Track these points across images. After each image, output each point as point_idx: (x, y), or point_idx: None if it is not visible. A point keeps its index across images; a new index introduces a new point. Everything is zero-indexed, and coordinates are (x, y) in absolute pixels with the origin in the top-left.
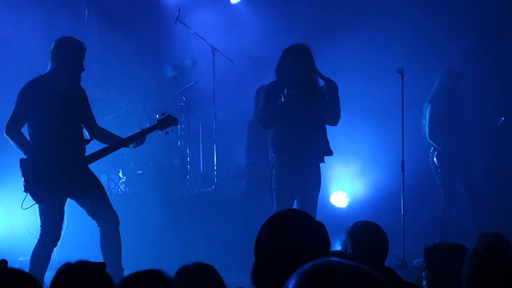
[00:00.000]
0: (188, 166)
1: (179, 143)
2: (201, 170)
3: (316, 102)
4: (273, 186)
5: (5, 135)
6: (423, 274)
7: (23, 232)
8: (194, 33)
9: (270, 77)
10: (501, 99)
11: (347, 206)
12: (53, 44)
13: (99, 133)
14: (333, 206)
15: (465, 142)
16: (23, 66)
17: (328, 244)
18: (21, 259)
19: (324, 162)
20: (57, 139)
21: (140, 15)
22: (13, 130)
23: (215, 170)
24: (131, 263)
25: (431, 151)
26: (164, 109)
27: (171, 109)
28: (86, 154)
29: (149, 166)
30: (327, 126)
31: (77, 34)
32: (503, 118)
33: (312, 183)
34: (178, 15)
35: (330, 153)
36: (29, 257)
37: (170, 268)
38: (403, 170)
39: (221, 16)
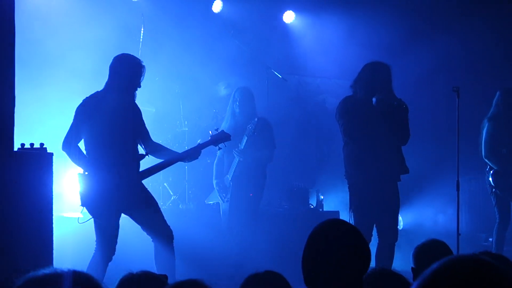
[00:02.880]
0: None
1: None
2: None
3: (392, 121)
4: (353, 205)
5: (62, 150)
6: None
7: (75, 244)
8: (247, 50)
9: (323, 95)
10: None
11: (402, 228)
12: (112, 60)
13: (154, 148)
14: None
15: None
16: (76, 83)
17: (366, 258)
18: None
19: (400, 180)
20: (113, 154)
21: (193, 33)
22: (70, 145)
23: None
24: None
25: (487, 169)
26: (217, 127)
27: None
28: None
29: (197, 183)
30: None
31: (131, 51)
32: None
33: (392, 202)
34: (232, 32)
35: (406, 171)
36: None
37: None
38: (458, 189)
39: (275, 35)
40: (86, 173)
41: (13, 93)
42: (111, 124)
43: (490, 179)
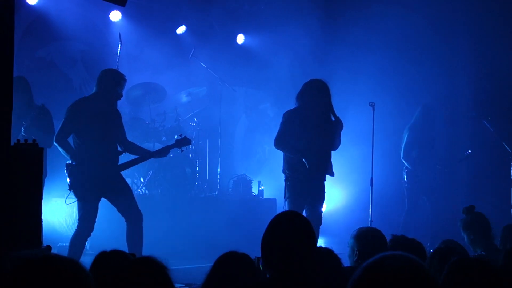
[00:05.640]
0: (197, 175)
1: (190, 155)
2: (207, 178)
3: (327, 132)
4: (287, 195)
5: (54, 143)
6: None
7: (61, 222)
8: (205, 67)
9: (265, 104)
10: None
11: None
12: (100, 73)
13: (130, 146)
14: None
15: (434, 164)
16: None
17: (313, 239)
18: (59, 245)
19: (325, 180)
20: (97, 149)
21: (160, 50)
22: (61, 139)
23: (219, 178)
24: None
25: (403, 168)
26: (179, 128)
27: (185, 127)
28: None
29: (165, 173)
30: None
31: (110, 64)
32: (469, 151)
33: (318, 196)
34: (192, 52)
35: (332, 174)
36: (67, 243)
37: (181, 256)
38: (371, 185)
39: (228, 53)
40: (74, 163)
41: (11, 91)
42: (97, 125)
43: (404, 176)
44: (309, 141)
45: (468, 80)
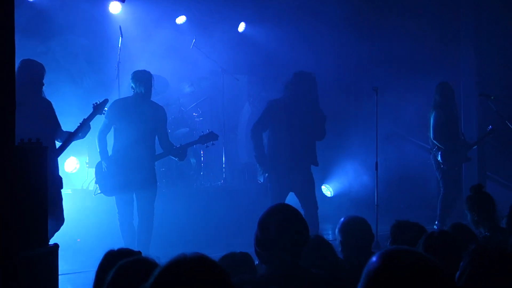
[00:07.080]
0: (202, 164)
1: (194, 146)
2: (212, 167)
3: (312, 123)
4: (268, 186)
5: (96, 139)
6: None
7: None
8: (207, 56)
9: (268, 92)
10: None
11: (333, 195)
12: (132, 75)
13: (165, 144)
14: (323, 195)
15: (461, 143)
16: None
17: (306, 229)
18: (79, 240)
19: (310, 168)
20: (127, 147)
21: (161, 40)
22: (99, 136)
23: (224, 167)
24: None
25: (434, 149)
26: (182, 119)
27: (188, 118)
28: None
29: (170, 164)
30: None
31: (111, 58)
32: (490, 126)
33: (307, 184)
34: (193, 42)
35: (316, 164)
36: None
37: (188, 246)
38: (376, 169)
39: (229, 42)
40: (101, 160)
41: (14, 90)
42: (133, 123)
43: (438, 157)
44: (292, 131)
45: (471, 60)
